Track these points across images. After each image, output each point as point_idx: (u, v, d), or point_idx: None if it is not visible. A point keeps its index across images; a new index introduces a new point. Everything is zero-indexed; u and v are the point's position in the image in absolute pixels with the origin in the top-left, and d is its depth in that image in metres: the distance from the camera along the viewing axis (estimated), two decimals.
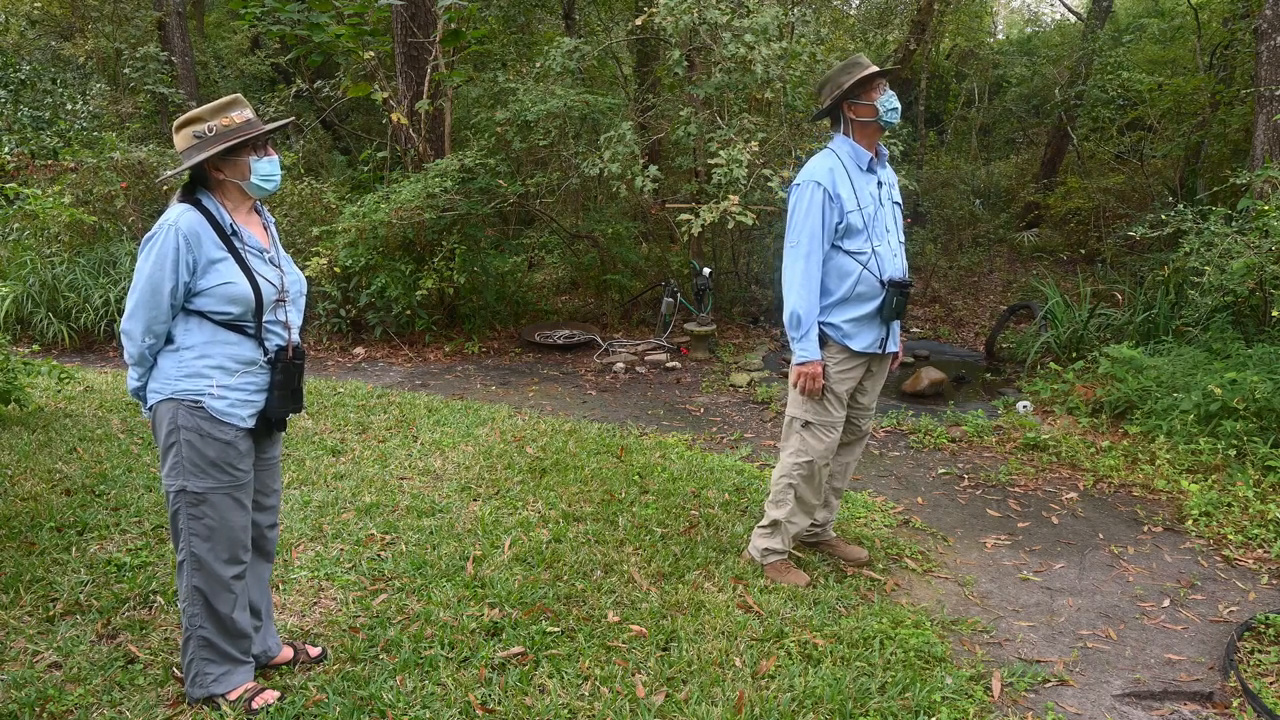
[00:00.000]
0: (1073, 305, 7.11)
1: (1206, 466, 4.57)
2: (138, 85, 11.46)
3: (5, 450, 4.64)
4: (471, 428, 5.23)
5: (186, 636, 2.48)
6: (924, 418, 5.60)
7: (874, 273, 3.20)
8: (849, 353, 3.26)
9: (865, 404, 3.47)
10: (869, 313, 3.23)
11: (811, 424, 3.31)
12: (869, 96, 3.17)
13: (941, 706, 2.59)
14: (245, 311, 2.39)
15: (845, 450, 3.54)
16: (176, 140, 2.39)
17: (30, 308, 7.61)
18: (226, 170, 2.40)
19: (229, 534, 2.44)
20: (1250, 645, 3.00)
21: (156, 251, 2.29)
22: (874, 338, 3.26)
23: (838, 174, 3.18)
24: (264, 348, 2.45)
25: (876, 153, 3.28)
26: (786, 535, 3.42)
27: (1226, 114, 9.51)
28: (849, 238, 3.19)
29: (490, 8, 10.46)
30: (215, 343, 2.38)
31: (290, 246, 7.69)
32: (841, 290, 3.22)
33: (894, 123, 3.22)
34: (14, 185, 5.95)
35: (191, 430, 2.36)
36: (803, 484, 3.35)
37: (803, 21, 8.21)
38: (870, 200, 3.21)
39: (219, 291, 2.35)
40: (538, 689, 2.64)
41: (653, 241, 10.10)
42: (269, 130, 2.44)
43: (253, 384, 2.44)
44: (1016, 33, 20.01)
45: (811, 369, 3.22)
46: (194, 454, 2.36)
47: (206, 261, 2.33)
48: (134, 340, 2.35)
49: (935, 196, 10.85)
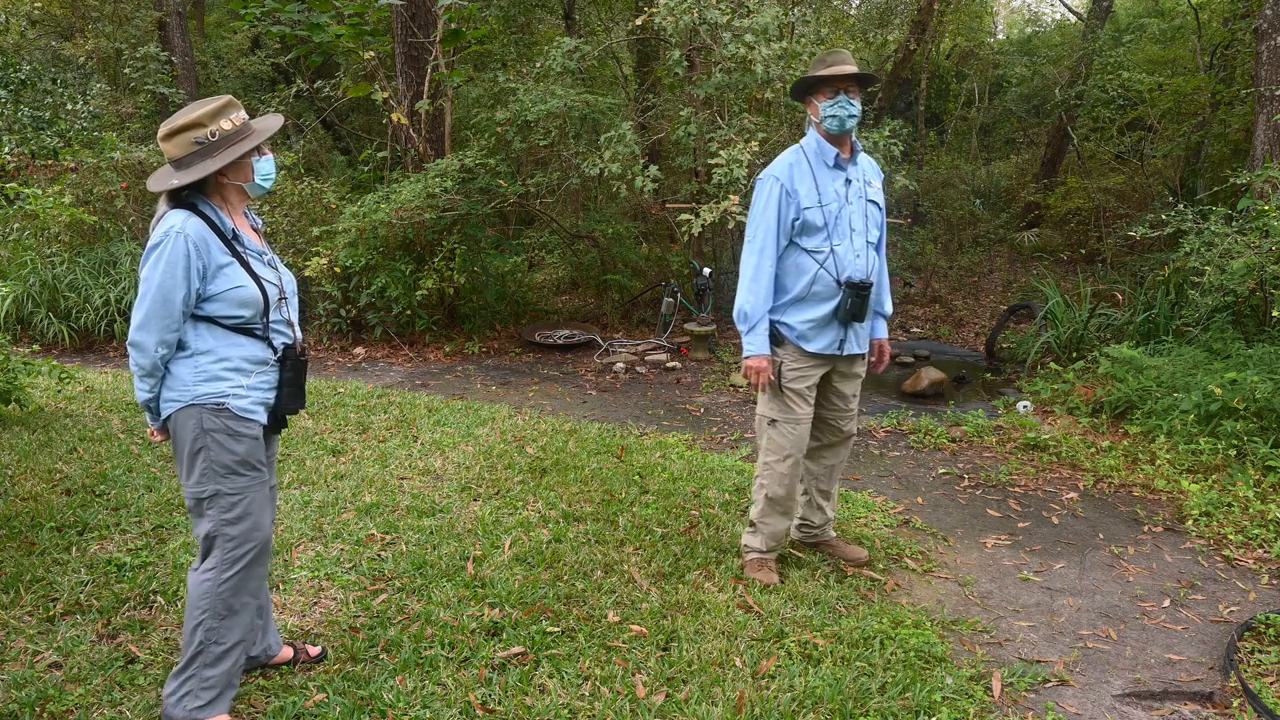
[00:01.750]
0: (1073, 305, 7.11)
1: (1207, 466, 4.57)
2: (138, 85, 11.47)
3: (5, 450, 4.64)
4: (472, 428, 5.23)
5: (196, 652, 2.38)
6: (924, 418, 5.60)
7: (830, 272, 3.14)
8: (803, 353, 3.22)
9: (842, 405, 3.39)
10: (825, 314, 3.17)
11: (777, 421, 3.30)
12: (819, 97, 3.12)
13: (942, 706, 2.59)
14: (254, 314, 2.38)
15: (829, 452, 3.48)
16: (170, 146, 2.32)
17: (30, 308, 7.61)
18: (230, 174, 2.38)
19: (262, 533, 2.43)
20: (1250, 645, 3.00)
21: (166, 259, 2.25)
22: (830, 340, 3.21)
23: (799, 169, 3.14)
24: (272, 347, 2.45)
25: (850, 149, 3.21)
26: (764, 535, 3.41)
27: (1226, 114, 9.51)
28: (806, 235, 3.15)
29: (490, 8, 10.47)
30: (228, 345, 2.37)
31: (290, 246, 7.70)
32: (798, 288, 3.18)
33: (835, 130, 3.11)
34: (14, 185, 5.95)
35: (219, 431, 2.33)
36: (772, 482, 3.33)
37: (803, 21, 8.22)
38: (834, 198, 3.14)
39: (230, 296, 2.33)
40: (538, 689, 2.64)
41: (653, 241, 10.11)
42: (273, 131, 2.43)
43: (266, 382, 2.44)
44: (1016, 33, 20.01)
45: (758, 363, 3.19)
46: (224, 454, 2.34)
47: (215, 267, 2.31)
48: (146, 352, 2.29)
49: (935, 196, 10.86)
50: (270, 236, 7.71)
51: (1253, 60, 7.55)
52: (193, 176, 2.30)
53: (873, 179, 3.31)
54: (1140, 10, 15.98)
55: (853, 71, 3.08)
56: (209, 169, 2.30)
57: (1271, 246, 5.23)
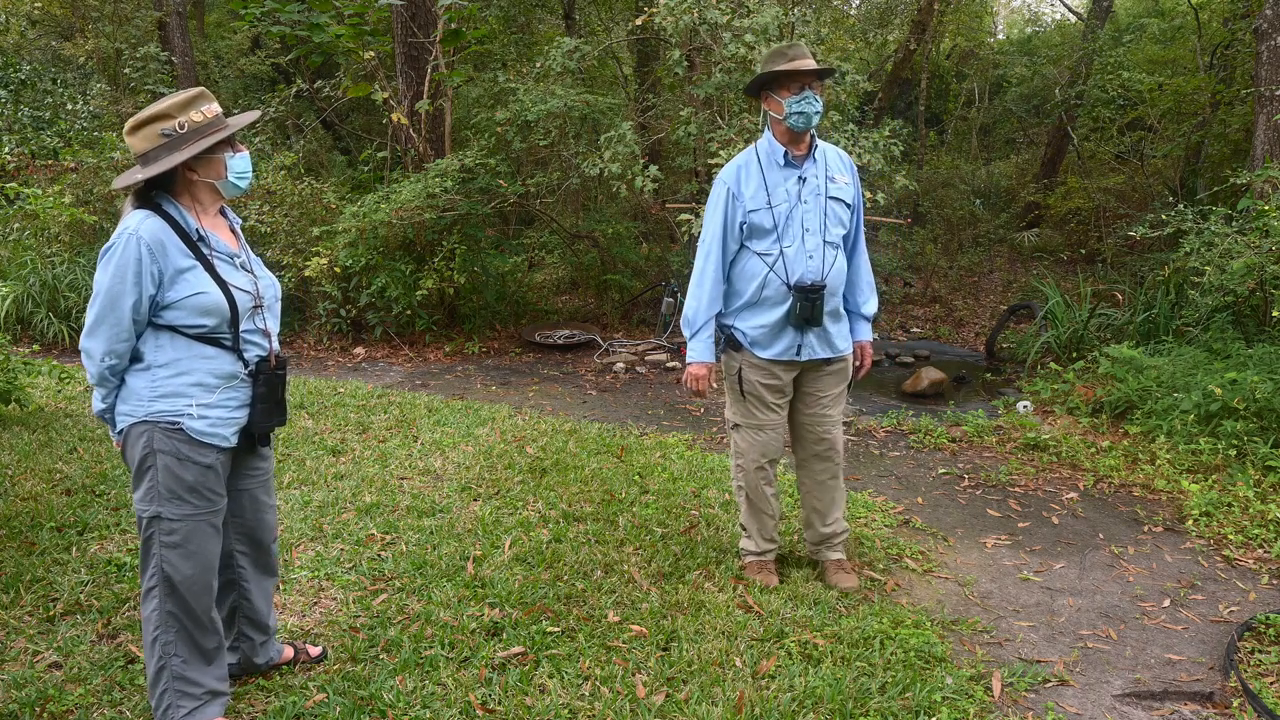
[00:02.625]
0: (1073, 305, 7.11)
1: (1207, 466, 4.57)
2: (138, 85, 11.46)
3: (5, 450, 4.64)
4: (472, 428, 5.23)
5: (159, 668, 2.28)
6: (924, 418, 5.60)
7: (780, 275, 3.04)
8: (761, 359, 3.14)
9: (820, 411, 3.24)
10: (777, 319, 3.07)
11: (740, 426, 3.25)
12: (782, 94, 2.98)
13: (942, 706, 2.59)
14: (220, 323, 2.23)
15: (817, 464, 3.31)
16: (135, 140, 2.18)
17: (30, 308, 7.61)
18: (201, 170, 2.24)
19: (204, 560, 2.28)
20: (1250, 645, 3.00)
21: (116, 263, 2.11)
22: (785, 345, 3.10)
23: (748, 171, 3.06)
24: (243, 360, 2.29)
25: (808, 146, 3.07)
26: (754, 537, 3.38)
27: (1226, 114, 9.51)
28: (755, 238, 3.06)
29: (490, 8, 10.46)
30: (191, 358, 2.22)
31: (290, 246, 7.69)
32: (749, 293, 3.10)
33: (799, 127, 2.97)
34: (14, 185, 5.95)
35: (169, 454, 2.19)
36: (743, 485, 3.29)
37: (803, 21, 8.21)
38: (785, 198, 3.03)
39: (190, 304, 2.18)
40: (538, 689, 2.64)
41: (653, 241, 10.11)
42: (246, 125, 2.32)
43: (234, 399, 2.28)
44: (1016, 33, 20.02)
45: (697, 370, 3.14)
46: (170, 479, 2.20)
47: (174, 271, 2.16)
48: (93, 359, 2.17)
49: (935, 196, 10.86)
50: (270, 236, 7.71)
51: (1253, 60, 7.55)
52: (157, 169, 2.16)
53: (838, 174, 3.13)
54: (1140, 10, 15.98)
55: (816, 67, 2.97)
56: (174, 161, 2.16)
57: (1271, 246, 5.23)
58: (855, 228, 3.24)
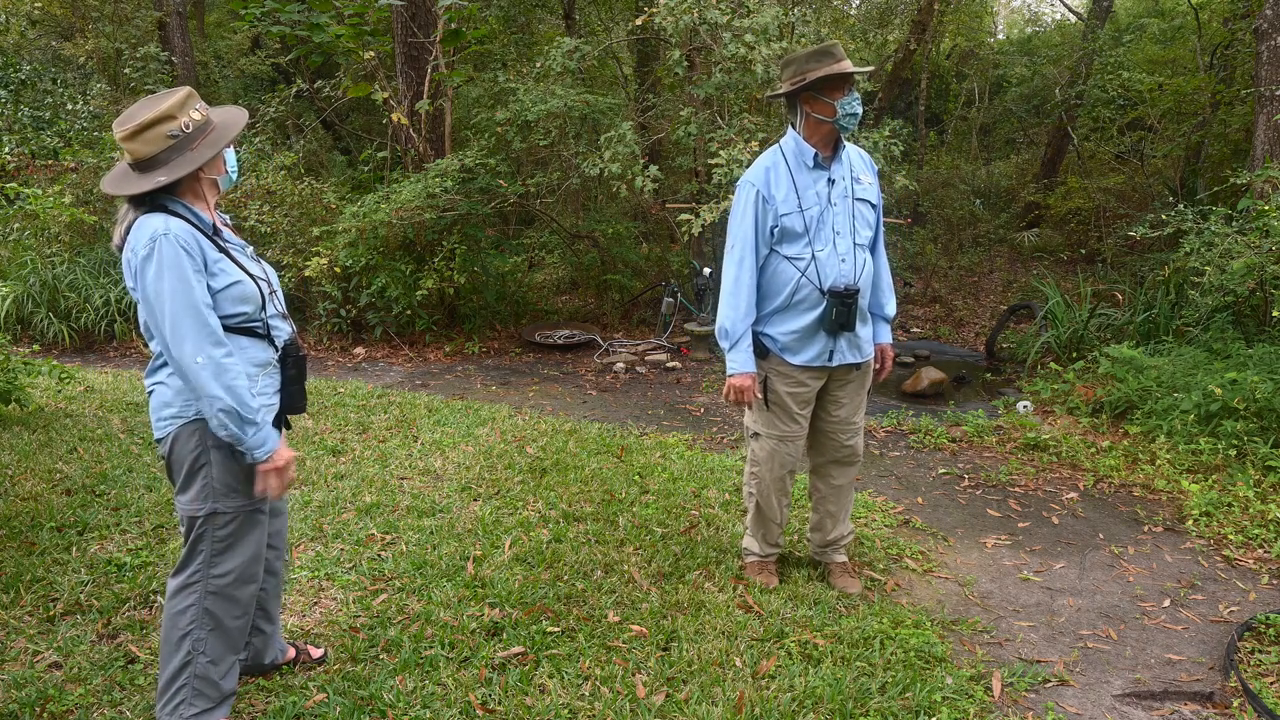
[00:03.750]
0: (1073, 305, 7.11)
1: (1207, 466, 4.57)
2: (138, 85, 11.45)
3: (6, 450, 4.64)
4: (472, 428, 5.23)
5: (183, 663, 2.28)
6: (924, 418, 5.60)
7: (813, 280, 2.96)
8: (790, 366, 3.06)
9: (844, 416, 3.19)
10: (810, 324, 2.99)
11: (760, 435, 3.18)
12: (831, 95, 2.89)
13: (942, 706, 2.59)
14: (255, 310, 2.27)
15: (836, 470, 3.29)
16: (138, 145, 2.13)
17: (30, 308, 7.61)
18: (208, 168, 2.25)
19: (254, 550, 2.33)
20: (1250, 645, 3.00)
21: (167, 265, 2.09)
22: (818, 351, 3.03)
23: (777, 173, 2.97)
24: (274, 345, 2.34)
25: (833, 148, 3.01)
26: (759, 539, 3.38)
27: (1227, 114, 9.51)
28: (786, 242, 2.97)
29: (490, 8, 10.47)
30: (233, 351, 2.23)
31: (290, 246, 7.70)
32: (781, 298, 3.01)
33: (850, 128, 2.92)
34: (14, 185, 5.94)
35: (222, 449, 2.21)
36: (756, 491, 3.25)
37: (803, 21, 8.21)
38: (815, 201, 2.95)
39: (230, 293, 2.21)
40: (538, 689, 2.64)
41: (653, 241, 10.11)
42: (246, 123, 2.35)
43: (270, 386, 2.34)
44: (1016, 33, 20.01)
45: (740, 381, 3.01)
46: (225, 473, 2.22)
47: (211, 263, 2.19)
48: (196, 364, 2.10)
49: (935, 196, 10.86)
50: (270, 236, 7.71)
51: (1253, 60, 7.55)
52: (180, 171, 2.14)
53: (862, 174, 3.09)
54: (1140, 10, 15.98)
55: (864, 69, 2.98)
56: (197, 161, 2.15)
57: (1271, 246, 5.23)
58: (877, 230, 3.19)
